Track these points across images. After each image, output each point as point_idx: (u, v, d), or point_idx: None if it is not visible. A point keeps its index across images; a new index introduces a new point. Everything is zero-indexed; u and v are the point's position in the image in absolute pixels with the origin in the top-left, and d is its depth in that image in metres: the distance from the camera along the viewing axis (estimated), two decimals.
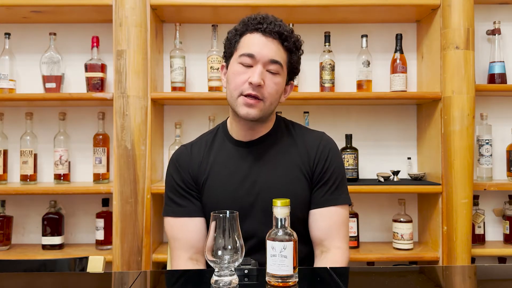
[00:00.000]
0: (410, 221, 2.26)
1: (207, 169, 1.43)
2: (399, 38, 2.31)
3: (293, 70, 1.41)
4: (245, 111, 1.33)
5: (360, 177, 2.40)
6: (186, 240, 1.39)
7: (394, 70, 2.29)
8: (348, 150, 2.30)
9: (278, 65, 1.34)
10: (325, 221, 1.39)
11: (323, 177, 1.41)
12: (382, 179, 2.26)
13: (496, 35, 2.35)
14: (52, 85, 2.25)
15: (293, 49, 1.37)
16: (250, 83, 1.31)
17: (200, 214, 1.41)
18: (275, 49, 1.33)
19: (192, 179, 1.43)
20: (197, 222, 1.40)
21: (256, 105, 1.33)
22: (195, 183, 1.43)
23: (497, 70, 2.33)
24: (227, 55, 1.41)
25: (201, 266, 1.40)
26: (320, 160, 1.41)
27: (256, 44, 1.32)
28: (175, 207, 1.42)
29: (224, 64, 1.44)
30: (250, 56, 1.32)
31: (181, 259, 1.39)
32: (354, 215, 2.29)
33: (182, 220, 1.40)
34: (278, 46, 1.34)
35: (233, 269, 1.05)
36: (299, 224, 1.39)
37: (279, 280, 1.03)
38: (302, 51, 1.43)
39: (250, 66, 1.33)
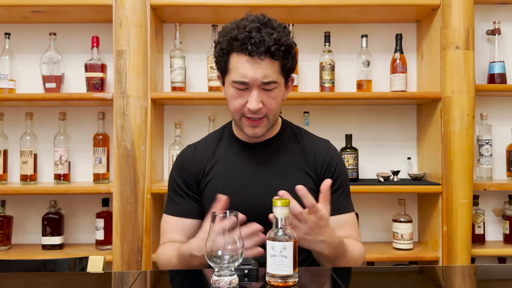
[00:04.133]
0: (410, 221, 2.26)
1: (212, 168, 1.45)
2: (399, 38, 2.31)
3: (289, 71, 1.37)
4: (251, 131, 1.36)
5: (360, 177, 2.40)
6: (173, 235, 1.44)
7: (394, 70, 2.29)
8: (348, 150, 2.30)
9: (273, 83, 1.31)
10: (341, 227, 1.41)
11: (333, 185, 1.43)
12: (382, 179, 2.26)
13: (496, 35, 2.35)
14: (52, 85, 2.25)
15: (284, 55, 1.31)
16: (249, 109, 1.31)
17: (193, 215, 1.45)
18: (266, 67, 1.28)
19: (194, 179, 1.46)
20: (189, 223, 1.45)
21: (261, 124, 1.35)
22: (196, 183, 1.46)
23: (497, 70, 2.33)
24: (220, 71, 1.38)
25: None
26: (328, 170, 1.45)
27: (246, 68, 1.28)
28: (171, 205, 1.47)
29: (219, 74, 1.42)
30: (243, 83, 1.30)
31: (164, 244, 1.45)
32: None
33: (174, 219, 1.45)
34: (268, 63, 1.29)
35: (233, 269, 1.05)
36: None
37: (279, 280, 1.03)
38: (295, 44, 1.37)
39: (245, 89, 1.31)
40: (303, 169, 1.43)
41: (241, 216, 1.18)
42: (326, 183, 1.21)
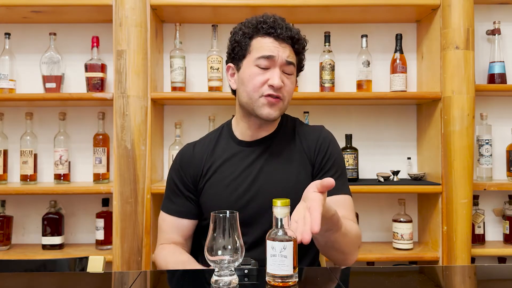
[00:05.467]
0: (410, 221, 2.26)
1: (210, 167, 1.45)
2: (399, 38, 2.31)
3: (300, 69, 1.47)
4: (267, 111, 1.37)
5: (360, 177, 2.40)
6: (170, 233, 1.48)
7: (394, 70, 2.29)
8: (348, 150, 2.30)
9: (293, 66, 1.39)
10: (335, 208, 1.36)
11: (325, 166, 1.43)
12: (382, 179, 2.26)
13: (496, 35, 2.35)
14: (52, 85, 2.25)
15: (301, 50, 1.43)
16: (271, 86, 1.35)
17: (190, 216, 1.47)
18: (288, 52, 1.38)
19: (192, 179, 1.46)
20: (185, 223, 1.47)
21: (278, 104, 1.38)
22: (194, 184, 1.46)
23: (497, 70, 2.33)
24: (237, 57, 1.41)
25: (180, 248, 1.47)
26: (321, 151, 1.44)
27: (272, 47, 1.36)
28: (169, 204, 1.49)
29: (231, 65, 1.44)
30: (269, 58, 1.35)
31: (162, 245, 1.48)
32: None
33: (171, 218, 1.47)
34: (290, 49, 1.39)
35: (233, 269, 1.05)
36: None
37: (279, 280, 1.03)
38: (306, 47, 1.47)
39: (266, 68, 1.36)
40: (299, 161, 1.43)
41: None
42: (329, 181, 1.09)
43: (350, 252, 1.31)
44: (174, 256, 1.42)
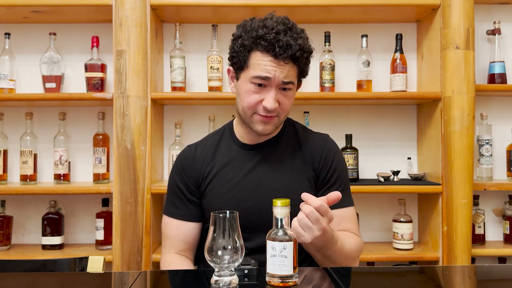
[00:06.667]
0: (410, 221, 2.26)
1: (211, 171, 1.44)
2: (399, 38, 2.31)
3: (303, 75, 1.41)
4: (261, 127, 1.36)
5: (360, 177, 2.40)
6: (176, 240, 1.45)
7: (394, 70, 2.29)
8: (348, 150, 2.30)
9: (291, 84, 1.34)
10: (339, 221, 1.40)
11: (330, 180, 1.44)
12: (382, 179, 2.26)
13: (496, 35, 2.35)
14: (52, 85, 2.25)
15: (305, 62, 1.36)
16: (265, 107, 1.32)
17: (195, 219, 1.45)
18: (288, 70, 1.32)
19: (194, 182, 1.45)
20: (190, 226, 1.45)
21: (271, 121, 1.36)
22: (196, 187, 1.45)
23: (497, 70, 2.33)
24: (235, 66, 1.37)
25: (187, 259, 1.45)
26: (326, 164, 1.44)
27: (270, 67, 1.30)
28: (172, 208, 1.47)
29: (231, 68, 1.41)
30: (266, 79, 1.31)
31: (169, 254, 1.46)
32: None
33: (176, 222, 1.45)
34: (290, 66, 1.32)
35: (233, 269, 1.05)
36: None
37: (279, 280, 1.03)
38: (312, 55, 1.40)
39: (263, 85, 1.32)
40: (302, 168, 1.43)
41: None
42: (335, 195, 1.17)
43: (348, 264, 1.33)
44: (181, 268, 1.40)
